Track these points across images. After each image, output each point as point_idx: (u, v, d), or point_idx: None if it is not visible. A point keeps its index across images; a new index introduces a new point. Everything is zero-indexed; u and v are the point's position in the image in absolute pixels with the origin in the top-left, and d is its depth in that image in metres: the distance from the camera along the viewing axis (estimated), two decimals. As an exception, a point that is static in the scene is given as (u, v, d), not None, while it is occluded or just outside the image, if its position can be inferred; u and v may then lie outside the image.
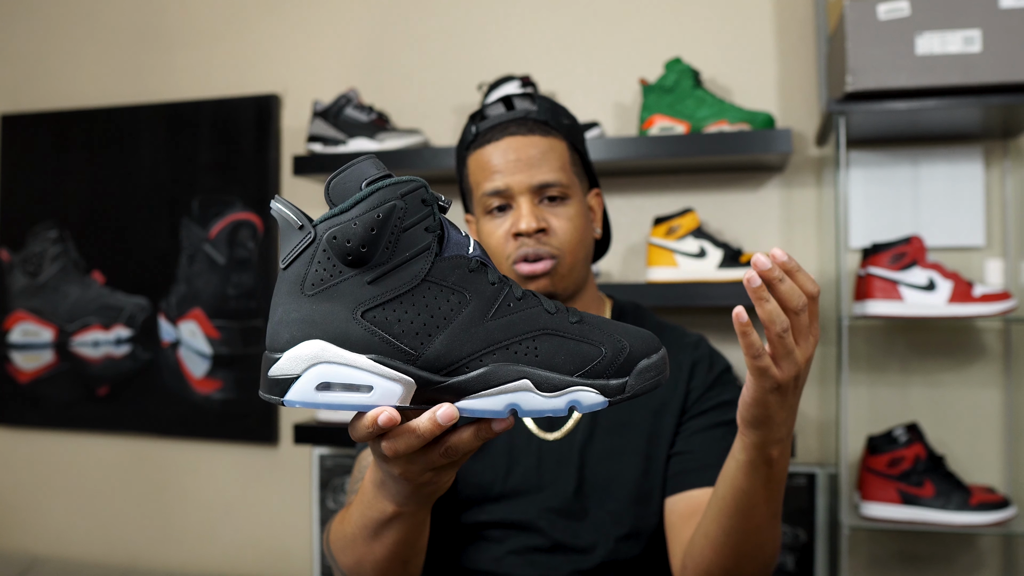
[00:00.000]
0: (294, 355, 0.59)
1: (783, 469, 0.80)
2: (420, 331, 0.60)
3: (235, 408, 2.08)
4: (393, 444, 0.62)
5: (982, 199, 1.70)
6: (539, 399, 0.61)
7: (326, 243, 0.59)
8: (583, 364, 0.62)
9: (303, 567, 2.05)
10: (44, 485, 2.25)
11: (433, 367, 0.60)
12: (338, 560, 0.91)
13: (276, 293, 0.61)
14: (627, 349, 0.63)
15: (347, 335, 0.59)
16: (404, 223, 0.60)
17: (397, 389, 0.59)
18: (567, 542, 1.03)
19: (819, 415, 1.78)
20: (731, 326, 1.81)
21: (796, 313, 0.68)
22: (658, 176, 1.86)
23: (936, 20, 1.43)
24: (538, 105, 1.07)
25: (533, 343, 0.62)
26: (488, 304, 0.62)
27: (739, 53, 1.83)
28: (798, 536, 1.70)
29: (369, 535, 0.82)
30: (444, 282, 0.61)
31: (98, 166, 2.20)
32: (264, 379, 0.60)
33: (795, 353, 0.70)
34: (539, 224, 1.02)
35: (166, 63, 2.19)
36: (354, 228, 0.58)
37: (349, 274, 0.59)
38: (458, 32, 1.99)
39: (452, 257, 0.62)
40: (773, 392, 0.72)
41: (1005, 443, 1.70)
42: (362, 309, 0.59)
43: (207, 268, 2.10)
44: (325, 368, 0.58)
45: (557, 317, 0.63)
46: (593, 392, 0.62)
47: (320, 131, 1.85)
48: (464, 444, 0.63)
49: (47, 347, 2.23)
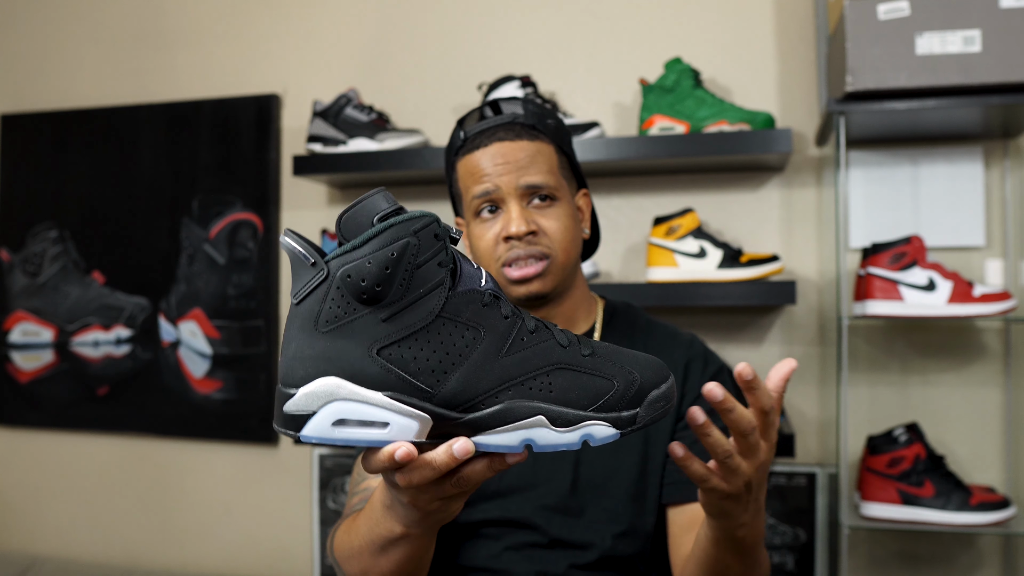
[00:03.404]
0: (310, 391, 0.59)
1: (754, 538, 0.82)
2: (436, 368, 0.60)
3: (235, 408, 2.08)
4: (408, 477, 0.62)
5: (982, 199, 1.70)
6: (553, 434, 0.61)
7: (340, 281, 0.59)
8: (596, 398, 0.63)
9: (303, 567, 2.05)
10: (44, 485, 2.25)
11: (449, 404, 0.60)
12: (344, 568, 0.92)
13: (288, 328, 0.61)
14: (638, 381, 0.64)
15: (363, 372, 0.59)
16: (418, 260, 0.60)
17: (413, 425, 0.60)
18: (564, 538, 1.03)
19: (819, 415, 1.78)
20: (731, 326, 1.81)
21: (744, 436, 0.70)
22: (658, 176, 1.86)
23: (936, 20, 1.43)
24: (524, 109, 1.08)
25: (547, 378, 0.62)
26: (502, 340, 0.62)
27: (739, 53, 1.83)
28: (798, 536, 1.70)
29: (376, 551, 0.83)
30: (458, 318, 0.61)
31: (98, 166, 2.20)
32: (279, 414, 0.60)
33: (741, 468, 0.72)
34: (529, 227, 1.02)
35: (166, 63, 2.19)
36: (368, 267, 0.58)
37: (363, 312, 0.59)
38: (458, 32, 1.99)
39: (465, 292, 0.62)
40: (725, 499, 0.74)
41: (1005, 443, 1.69)
42: (378, 347, 0.59)
43: (207, 268, 2.10)
44: (341, 405, 0.59)
45: (570, 351, 0.64)
46: (605, 425, 0.62)
47: (320, 131, 1.85)
48: (477, 475, 0.64)
49: (47, 347, 2.23)
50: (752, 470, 0.72)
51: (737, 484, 0.72)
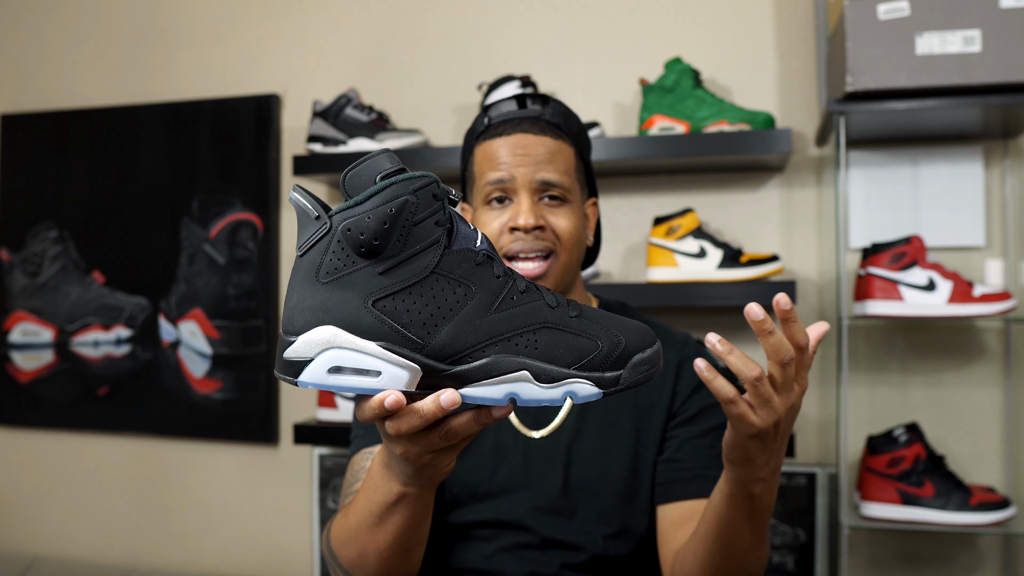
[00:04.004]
0: (308, 339, 0.61)
1: (767, 503, 0.82)
2: (427, 321, 0.62)
3: (235, 408, 2.08)
4: (397, 424, 0.64)
5: (982, 199, 1.70)
6: (537, 389, 0.64)
7: (340, 234, 0.61)
8: (580, 357, 0.64)
9: (303, 567, 2.05)
10: (44, 485, 2.25)
11: (438, 356, 0.62)
12: (340, 557, 0.91)
13: (292, 278, 0.64)
14: (623, 343, 0.66)
15: (358, 322, 0.61)
16: (415, 217, 0.62)
17: (404, 375, 0.62)
18: (556, 538, 1.03)
19: (819, 415, 1.78)
20: (730, 327, 1.81)
21: (783, 365, 0.70)
22: (658, 176, 1.86)
23: (936, 20, 1.43)
24: (552, 108, 1.08)
25: (534, 336, 0.64)
26: (492, 297, 0.64)
27: (739, 53, 1.83)
28: (798, 536, 1.70)
29: (375, 522, 0.84)
30: (451, 274, 0.63)
31: (98, 166, 2.20)
32: (279, 360, 0.63)
33: (773, 401, 0.71)
34: (537, 221, 1.02)
35: (166, 63, 2.19)
36: (367, 221, 0.61)
37: (362, 264, 0.62)
38: (458, 32, 1.99)
39: (460, 251, 0.64)
40: (752, 438, 0.74)
41: (1005, 443, 1.70)
42: (373, 298, 0.62)
43: (207, 268, 2.10)
44: (337, 353, 0.61)
45: (557, 311, 0.66)
46: (588, 384, 0.64)
47: (320, 131, 1.85)
48: (463, 428, 0.65)
49: (47, 347, 2.23)
50: (784, 408, 0.71)
51: (767, 419, 0.72)
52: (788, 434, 0.76)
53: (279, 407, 2.07)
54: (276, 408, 2.07)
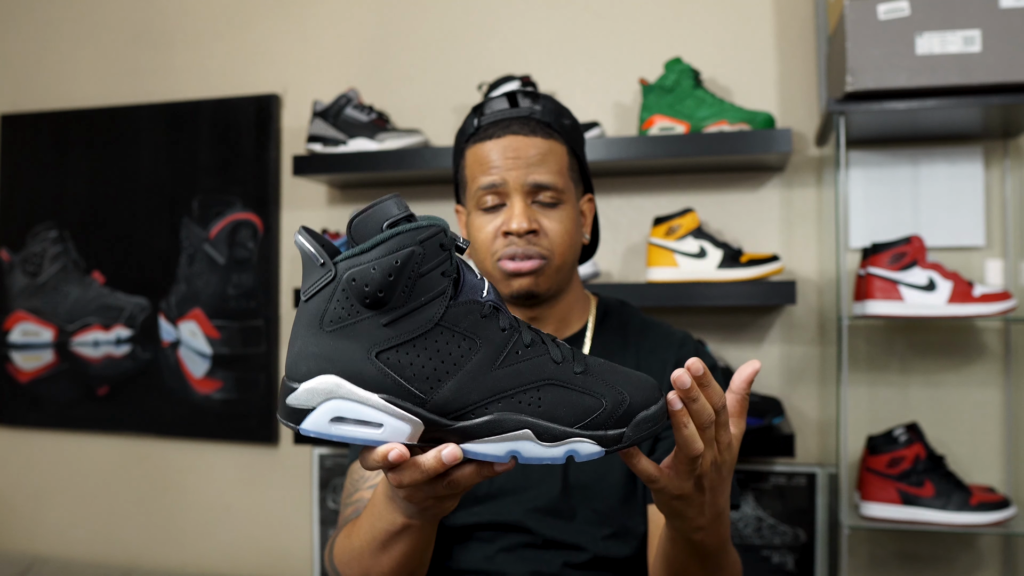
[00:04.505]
0: (311, 388, 0.62)
1: (712, 545, 0.80)
2: (431, 375, 0.62)
3: (235, 408, 2.08)
4: (399, 476, 0.65)
5: (982, 199, 1.70)
6: (539, 448, 0.63)
7: (346, 283, 0.61)
8: (584, 416, 0.64)
9: (303, 567, 2.05)
10: (44, 485, 2.25)
11: (441, 411, 0.62)
12: (344, 574, 0.92)
13: (296, 324, 0.64)
14: (627, 401, 0.65)
15: (361, 374, 0.61)
16: (421, 268, 0.61)
17: (406, 428, 0.62)
18: (557, 539, 1.03)
19: (819, 415, 1.78)
20: (731, 326, 1.81)
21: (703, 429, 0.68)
22: (658, 176, 1.86)
23: (936, 20, 1.43)
24: (542, 105, 1.06)
25: (537, 393, 0.64)
26: (497, 352, 0.64)
27: (739, 53, 1.83)
28: (798, 536, 1.70)
29: (378, 547, 0.84)
30: (456, 327, 0.63)
31: (98, 166, 2.20)
32: (282, 405, 0.63)
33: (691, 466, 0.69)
34: (530, 225, 1.02)
35: (166, 63, 2.19)
36: (373, 273, 0.60)
37: (366, 315, 0.61)
38: (458, 32, 1.99)
39: (466, 302, 0.64)
40: (676, 499, 0.72)
41: (1005, 443, 1.69)
42: (377, 350, 0.61)
43: (207, 268, 2.10)
44: (339, 404, 0.62)
45: (562, 367, 0.65)
46: (591, 443, 0.64)
47: (320, 131, 1.85)
48: (466, 479, 0.66)
49: (47, 347, 2.23)
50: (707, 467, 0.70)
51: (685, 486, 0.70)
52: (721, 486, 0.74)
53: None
54: (276, 408, 2.06)
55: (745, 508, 1.72)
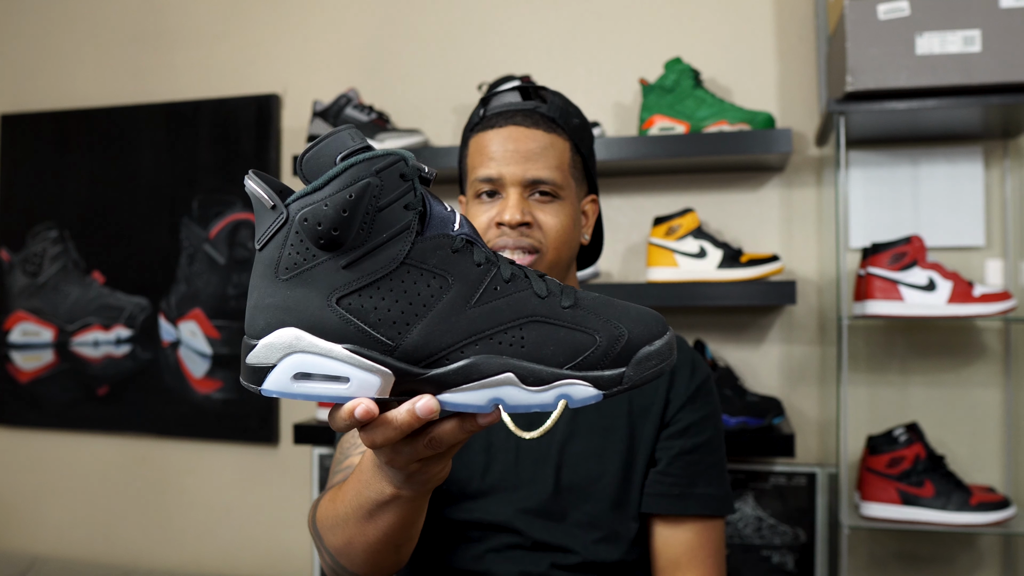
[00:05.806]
0: (269, 343, 0.56)
1: None
2: (398, 320, 0.56)
3: (235, 408, 2.08)
4: (370, 436, 0.59)
5: (982, 199, 1.70)
6: (524, 393, 0.57)
7: (298, 225, 0.55)
8: (574, 355, 0.57)
9: (303, 567, 2.05)
10: (44, 485, 2.25)
11: (411, 359, 0.56)
12: (325, 540, 0.88)
13: (252, 276, 0.58)
14: (625, 336, 0.58)
15: (322, 323, 0.55)
16: (380, 202, 0.56)
17: (375, 381, 0.56)
18: (546, 540, 1.03)
19: (819, 415, 1.78)
20: (731, 326, 1.81)
21: None
22: (658, 176, 1.86)
23: (936, 20, 1.43)
24: (549, 101, 1.06)
25: (519, 332, 0.57)
26: (472, 289, 0.57)
27: (739, 53, 1.83)
28: (798, 536, 1.70)
29: (364, 516, 0.80)
30: (424, 265, 0.57)
31: (98, 166, 2.20)
32: (243, 366, 0.58)
33: None
34: (523, 218, 1.01)
35: (166, 63, 2.19)
36: (325, 210, 0.54)
37: (323, 258, 0.56)
38: (458, 32, 1.99)
39: (434, 237, 0.57)
40: None
41: (1005, 443, 1.69)
42: (337, 295, 0.56)
43: (207, 268, 2.10)
44: (300, 358, 0.56)
45: (547, 302, 0.58)
46: (585, 385, 0.57)
47: (320, 131, 1.85)
48: (449, 436, 0.60)
49: (47, 347, 2.23)
50: None
51: None
52: None
53: (279, 407, 2.07)
54: (276, 408, 2.06)
55: (745, 508, 1.72)
